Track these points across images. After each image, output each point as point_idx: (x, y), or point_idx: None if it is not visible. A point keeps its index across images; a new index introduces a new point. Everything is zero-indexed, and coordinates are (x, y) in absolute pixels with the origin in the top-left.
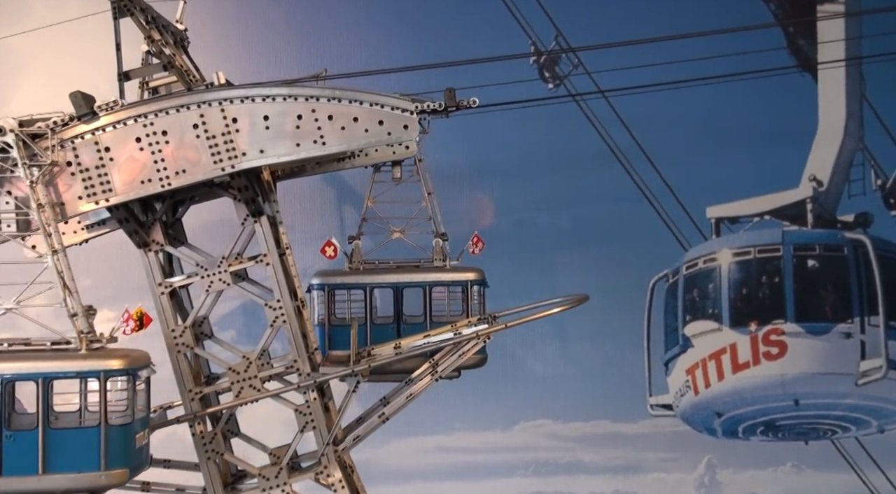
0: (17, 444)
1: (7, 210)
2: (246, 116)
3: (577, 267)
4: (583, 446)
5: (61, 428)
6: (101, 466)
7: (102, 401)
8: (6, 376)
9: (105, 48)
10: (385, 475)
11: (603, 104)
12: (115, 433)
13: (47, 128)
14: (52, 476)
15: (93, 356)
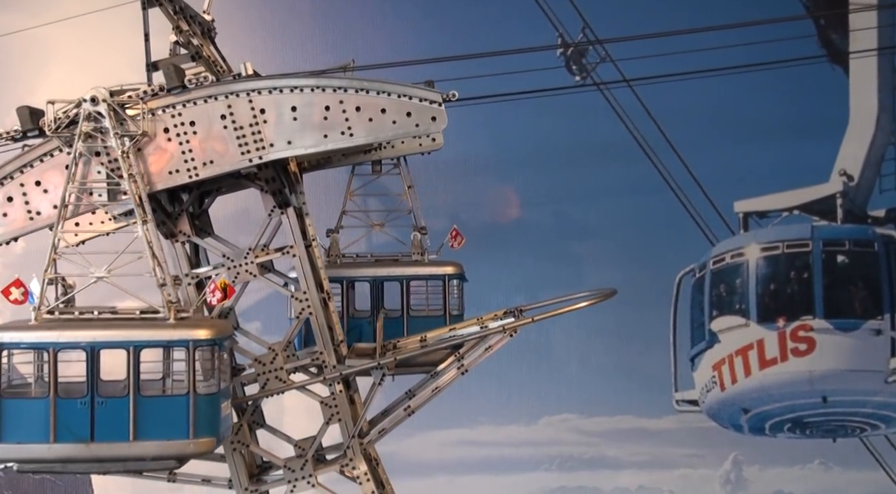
0: (108, 411)
1: (98, 180)
2: (273, 107)
3: (602, 260)
4: (607, 441)
5: (151, 396)
6: (189, 434)
7: (191, 370)
8: (97, 344)
9: (131, 38)
10: (408, 468)
11: (629, 95)
12: (202, 402)
13: (137, 98)
14: (142, 443)
15: (181, 325)
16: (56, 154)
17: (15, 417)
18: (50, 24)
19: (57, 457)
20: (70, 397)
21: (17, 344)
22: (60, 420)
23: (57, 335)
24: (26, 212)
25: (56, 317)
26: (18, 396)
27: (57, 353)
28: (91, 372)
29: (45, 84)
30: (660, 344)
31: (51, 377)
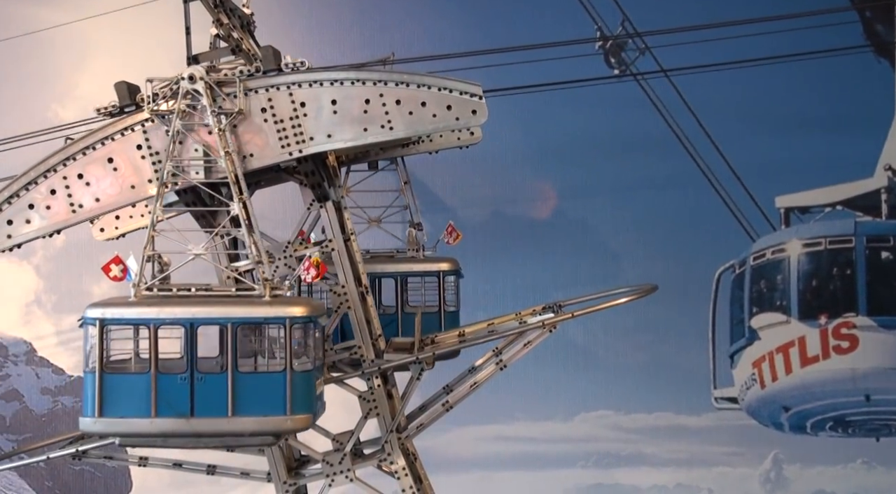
0: (206, 386)
1: (196, 157)
2: (313, 100)
3: (639, 255)
4: (645, 438)
5: (248, 373)
6: (286, 410)
7: (288, 347)
8: (196, 320)
9: (169, 32)
10: (444, 463)
11: (666, 87)
12: (299, 379)
13: (234, 77)
14: (240, 419)
15: (276, 303)
16: (98, 147)
17: (116, 392)
18: (89, 18)
19: (158, 432)
20: (168, 373)
21: (119, 320)
22: (161, 396)
23: (157, 311)
24: (69, 205)
25: (154, 294)
26: (119, 371)
27: (157, 329)
28: (190, 347)
29: (85, 78)
30: (698, 341)
31: (151, 353)
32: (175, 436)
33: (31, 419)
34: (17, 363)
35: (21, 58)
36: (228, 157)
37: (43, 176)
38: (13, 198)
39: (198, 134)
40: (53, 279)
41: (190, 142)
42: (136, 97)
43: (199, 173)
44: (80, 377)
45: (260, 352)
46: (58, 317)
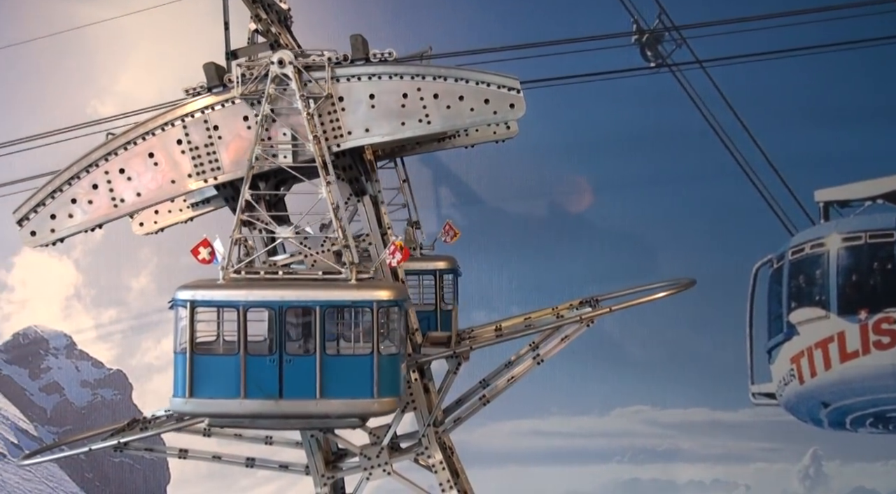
0: (295, 368)
1: (283, 141)
2: (351, 95)
3: (675, 250)
4: (681, 433)
5: (336, 355)
6: (374, 393)
7: (375, 331)
8: (285, 302)
9: (207, 28)
10: (479, 457)
11: (702, 78)
12: (385, 362)
13: (324, 62)
14: (328, 401)
15: (364, 286)
16: (139, 142)
17: (206, 373)
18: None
19: (247, 413)
20: (257, 354)
21: (208, 302)
22: (250, 377)
23: (245, 294)
24: (110, 200)
25: (242, 277)
26: (208, 353)
27: (246, 311)
28: (279, 330)
29: (124, 73)
30: (735, 336)
31: (241, 334)
32: (263, 418)
33: (71, 411)
34: (58, 356)
35: (62, 54)
36: (317, 141)
37: (85, 171)
38: (56, 192)
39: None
40: (92, 273)
41: (234, 127)
42: (223, 78)
43: (286, 157)
44: (119, 370)
45: (342, 336)
46: (97, 311)
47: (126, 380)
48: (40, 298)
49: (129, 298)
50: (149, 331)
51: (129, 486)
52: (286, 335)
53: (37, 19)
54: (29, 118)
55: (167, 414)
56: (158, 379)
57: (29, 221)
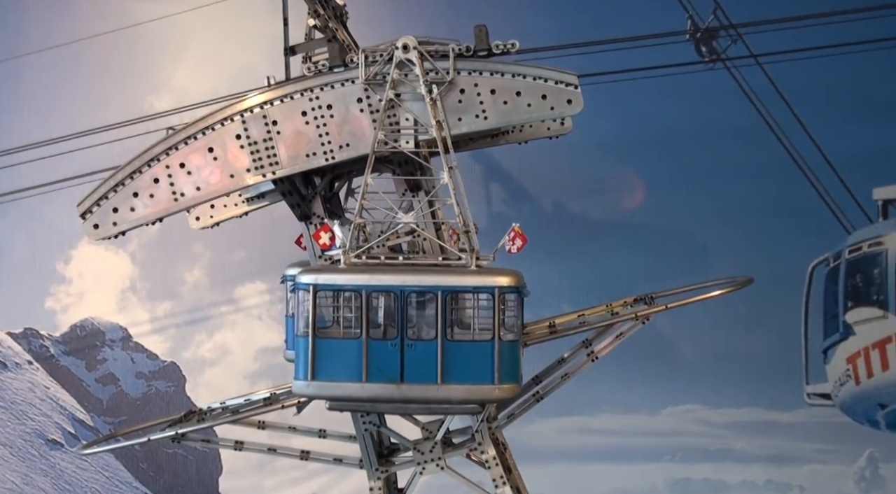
0: (416, 353)
1: (406, 127)
2: None
3: (729, 247)
4: (734, 433)
5: (457, 341)
6: (494, 379)
7: (497, 317)
8: (407, 287)
9: (262, 24)
10: (528, 454)
11: (758, 75)
12: (506, 348)
13: (448, 50)
14: (449, 386)
15: (485, 272)
16: (199, 137)
17: (327, 356)
18: (188, 11)
19: (369, 396)
20: (379, 339)
21: (331, 286)
22: (372, 361)
23: (368, 278)
24: (171, 194)
25: (363, 261)
26: (331, 336)
27: (369, 295)
28: (401, 314)
29: (180, 69)
30: (790, 335)
31: (363, 318)
32: (384, 402)
33: (127, 402)
34: (114, 348)
35: (119, 50)
36: (439, 126)
37: (147, 165)
38: (118, 186)
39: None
40: (148, 266)
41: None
42: (346, 59)
43: (409, 143)
44: (173, 363)
45: (457, 322)
46: (151, 304)
47: (180, 372)
48: (97, 291)
49: (182, 291)
50: (202, 324)
51: (182, 477)
52: (407, 320)
53: (94, 16)
54: (87, 113)
55: (223, 406)
56: (211, 371)
57: (92, 214)
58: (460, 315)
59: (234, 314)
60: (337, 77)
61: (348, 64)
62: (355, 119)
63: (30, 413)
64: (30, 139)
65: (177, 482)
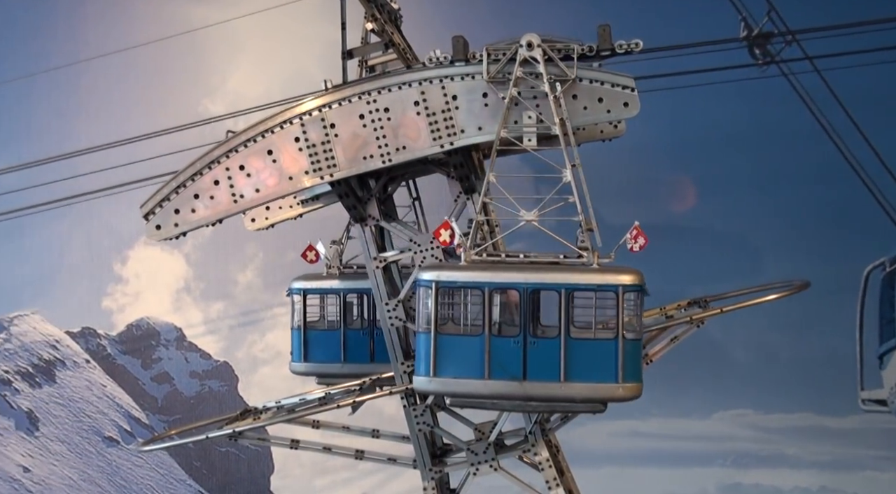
0: (539, 351)
1: (529, 124)
2: (465, 94)
3: (783, 251)
4: (786, 438)
5: (580, 339)
6: (618, 378)
7: (620, 315)
8: (531, 285)
9: (312, 30)
10: (578, 457)
11: (814, 79)
12: (630, 347)
13: (572, 48)
14: (572, 384)
15: (607, 270)
16: (259, 139)
17: (449, 353)
18: (244, 16)
19: (491, 393)
20: (501, 336)
21: (453, 283)
22: (494, 358)
23: (490, 275)
24: (231, 195)
25: (484, 259)
26: (453, 333)
27: (492, 293)
28: (524, 312)
29: (234, 73)
30: (844, 341)
31: (486, 315)
32: (506, 399)
33: (181, 401)
34: (168, 347)
35: (175, 54)
36: (562, 124)
37: (207, 167)
38: (180, 188)
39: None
40: (202, 267)
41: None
42: (467, 54)
43: (531, 140)
44: (226, 362)
45: (571, 320)
46: (205, 304)
47: (232, 372)
48: (152, 291)
49: (235, 292)
50: (254, 325)
51: (235, 475)
52: (528, 316)
53: (151, 21)
54: (143, 116)
55: (278, 405)
56: (263, 371)
57: (154, 215)
58: (579, 312)
59: (286, 315)
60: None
61: (470, 60)
62: (412, 122)
63: (87, 411)
64: (89, 142)
65: (229, 480)
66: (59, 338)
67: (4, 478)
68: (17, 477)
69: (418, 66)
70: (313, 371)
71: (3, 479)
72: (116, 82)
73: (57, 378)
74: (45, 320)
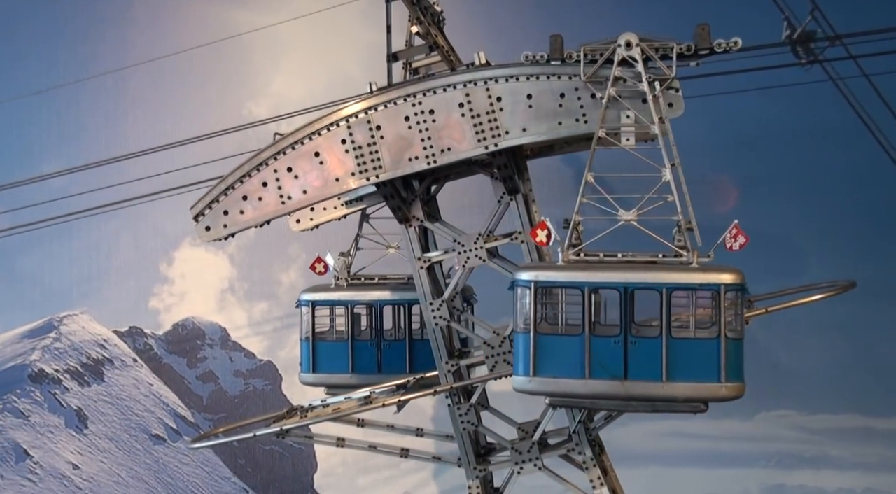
0: (640, 350)
1: (627, 124)
2: (509, 95)
3: (826, 251)
4: (830, 439)
5: (681, 338)
6: (721, 378)
7: (722, 314)
8: (631, 284)
9: (356, 34)
10: (620, 457)
11: (859, 79)
12: (732, 346)
13: (671, 48)
14: (674, 384)
15: (708, 269)
16: (306, 142)
17: (549, 353)
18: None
19: (591, 393)
20: (601, 335)
21: (553, 283)
22: (595, 358)
23: (589, 275)
24: (279, 197)
25: (581, 259)
26: (552, 332)
27: (591, 292)
28: (624, 312)
29: (277, 76)
30: (889, 342)
31: (585, 315)
32: (607, 398)
33: (226, 399)
34: (213, 346)
35: (221, 58)
36: (662, 123)
37: (256, 169)
38: (229, 189)
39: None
40: (246, 268)
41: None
42: (564, 54)
43: (629, 140)
44: (269, 362)
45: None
46: (249, 304)
47: (276, 371)
48: (197, 291)
49: (279, 292)
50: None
51: (279, 473)
52: (631, 315)
53: (196, 27)
54: (189, 119)
55: (323, 404)
56: None
57: (204, 217)
58: (677, 312)
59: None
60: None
61: (566, 59)
62: (456, 123)
63: (135, 409)
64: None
65: (273, 478)
66: (107, 338)
67: (55, 475)
68: (66, 474)
69: (462, 68)
70: (322, 381)
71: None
72: (163, 86)
73: (105, 376)
74: (94, 320)
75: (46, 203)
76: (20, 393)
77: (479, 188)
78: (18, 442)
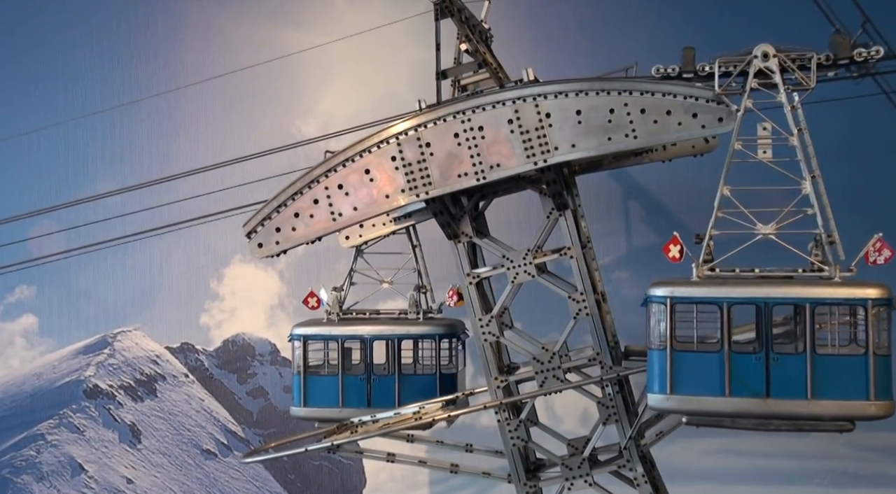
0: (783, 367)
1: (764, 136)
2: (559, 111)
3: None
4: (887, 457)
5: (826, 355)
6: (870, 395)
7: (869, 330)
8: (771, 300)
9: (404, 52)
10: (670, 474)
11: None
12: (881, 363)
13: (809, 57)
14: (819, 402)
15: (852, 284)
16: (356, 159)
17: (686, 370)
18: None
19: (731, 411)
20: (741, 352)
21: (689, 299)
22: (735, 375)
23: (728, 290)
24: (330, 214)
25: (717, 274)
26: (690, 350)
27: (730, 308)
28: (764, 328)
29: (326, 95)
30: None
31: (723, 331)
32: (748, 417)
33: (275, 415)
34: (263, 362)
35: (269, 78)
36: (800, 134)
37: (307, 186)
38: (281, 207)
39: None
40: (295, 284)
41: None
42: (696, 67)
43: (766, 152)
44: None
45: (795, 335)
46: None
47: None
48: (247, 307)
49: None
50: None
51: (328, 489)
52: (769, 332)
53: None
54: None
55: (373, 420)
56: None
57: (256, 234)
58: (820, 328)
59: None
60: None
61: (699, 72)
62: (505, 140)
63: (186, 424)
64: (189, 165)
65: (323, 493)
66: (159, 353)
67: (110, 489)
68: (121, 488)
69: (511, 84)
70: (313, 416)
71: (108, 490)
72: (213, 106)
73: (158, 392)
74: (147, 336)
75: (102, 222)
76: (75, 408)
77: (528, 204)
78: (74, 457)
